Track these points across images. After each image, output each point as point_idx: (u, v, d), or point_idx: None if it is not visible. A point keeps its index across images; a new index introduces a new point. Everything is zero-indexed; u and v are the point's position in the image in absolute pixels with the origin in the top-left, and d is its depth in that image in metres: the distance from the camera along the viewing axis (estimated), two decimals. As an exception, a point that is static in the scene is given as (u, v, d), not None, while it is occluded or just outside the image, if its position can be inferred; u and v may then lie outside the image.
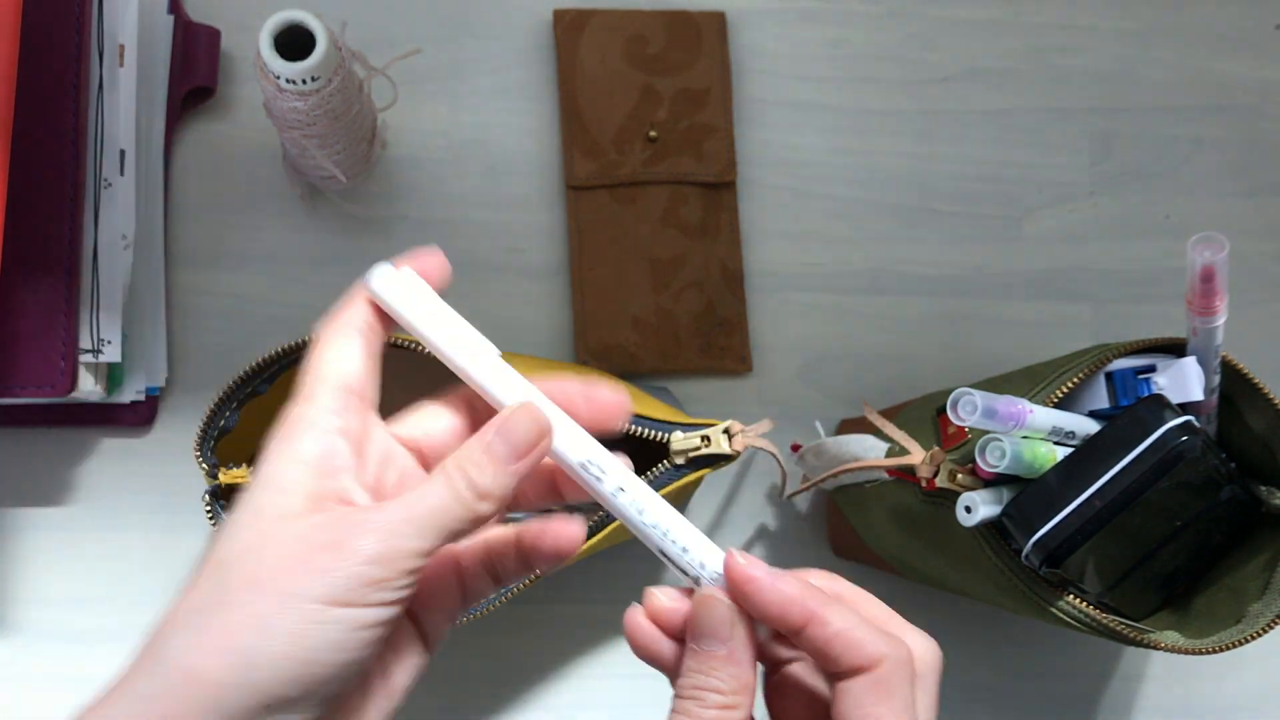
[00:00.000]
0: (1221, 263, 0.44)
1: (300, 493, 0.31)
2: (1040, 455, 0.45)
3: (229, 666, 0.29)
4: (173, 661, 0.29)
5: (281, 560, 0.30)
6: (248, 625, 0.29)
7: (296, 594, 0.29)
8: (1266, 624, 0.46)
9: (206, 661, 0.29)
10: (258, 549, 0.30)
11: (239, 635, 0.29)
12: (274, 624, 0.29)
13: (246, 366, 0.49)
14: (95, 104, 0.58)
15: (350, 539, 0.30)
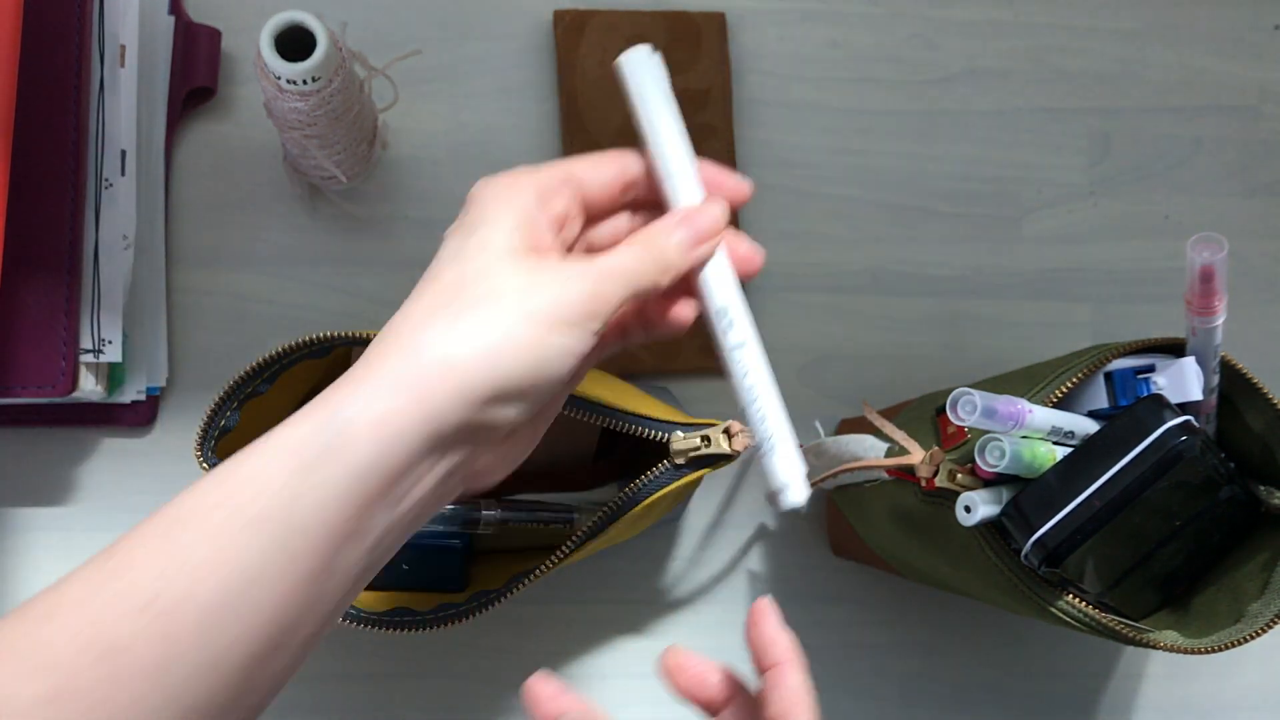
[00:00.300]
0: (1221, 263, 0.44)
1: (520, 236, 0.37)
2: (1040, 455, 0.45)
3: (479, 358, 0.34)
4: (427, 350, 0.34)
5: (518, 285, 0.36)
6: (496, 329, 0.35)
7: (533, 313, 0.35)
8: (1266, 623, 0.46)
9: (460, 351, 0.34)
10: (495, 272, 0.36)
11: (489, 335, 0.34)
12: (517, 333, 0.35)
13: (247, 366, 0.49)
14: (96, 104, 0.58)
15: (574, 278, 0.36)
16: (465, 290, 0.36)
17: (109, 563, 0.33)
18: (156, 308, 0.61)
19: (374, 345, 0.36)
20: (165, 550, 0.33)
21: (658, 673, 0.43)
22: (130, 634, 0.31)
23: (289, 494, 0.33)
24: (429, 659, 0.62)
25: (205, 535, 0.33)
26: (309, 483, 0.33)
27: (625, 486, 0.49)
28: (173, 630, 0.31)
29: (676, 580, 0.64)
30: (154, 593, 0.32)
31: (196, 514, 0.34)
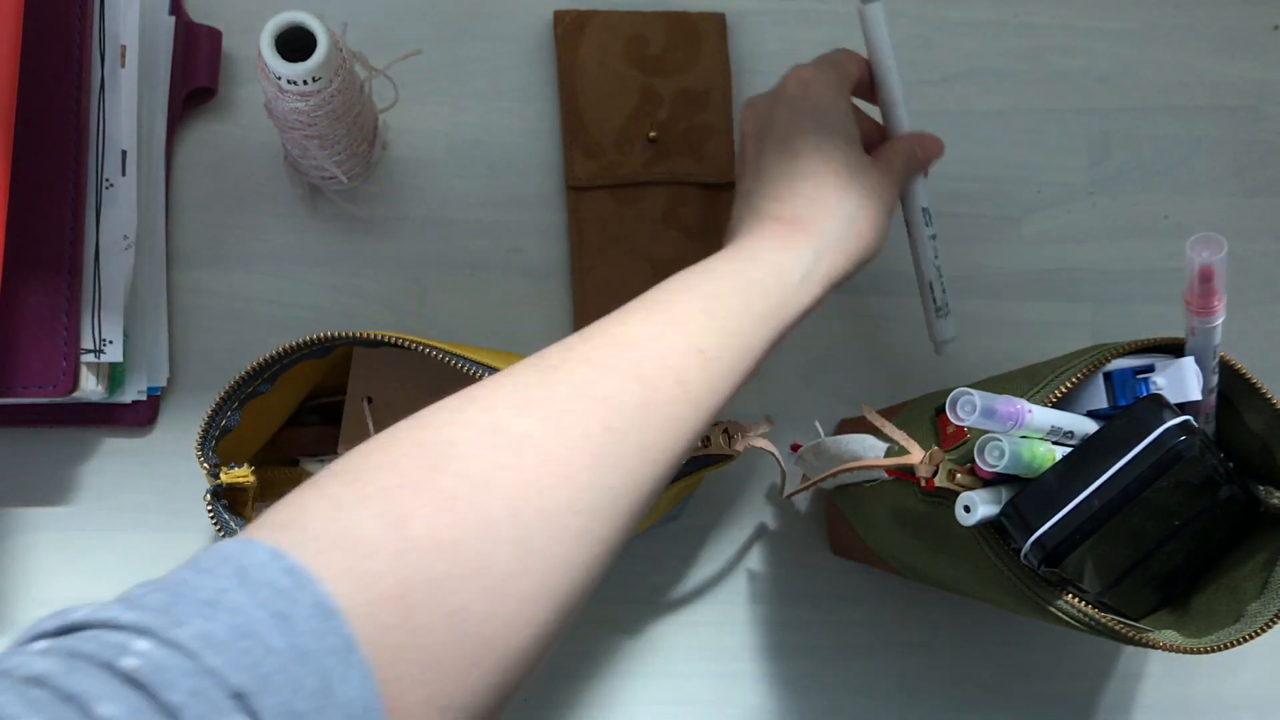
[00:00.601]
0: (1220, 263, 0.44)
1: (856, 135, 0.54)
2: (1039, 455, 0.45)
3: (868, 247, 0.52)
4: (846, 223, 0.50)
5: (875, 181, 0.52)
6: (875, 228, 0.52)
7: (886, 211, 0.53)
8: (1265, 623, 0.46)
9: (861, 243, 0.51)
10: (859, 169, 0.52)
11: (871, 230, 0.51)
12: (881, 228, 0.52)
13: (247, 366, 0.49)
14: (97, 104, 0.58)
15: (890, 180, 0.54)
16: (854, 181, 0.51)
17: (662, 316, 0.44)
18: (157, 308, 0.61)
19: (783, 184, 0.51)
20: (707, 314, 0.44)
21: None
22: (687, 370, 0.42)
23: (778, 306, 0.47)
24: (429, 658, 0.62)
25: (733, 313, 0.45)
26: (790, 302, 0.47)
27: (625, 486, 0.49)
28: (711, 375, 0.43)
29: (676, 580, 0.64)
30: (703, 345, 0.43)
31: (724, 294, 0.45)
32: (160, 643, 0.28)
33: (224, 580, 0.31)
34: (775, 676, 0.64)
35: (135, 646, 0.28)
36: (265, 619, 0.30)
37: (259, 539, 0.33)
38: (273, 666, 0.29)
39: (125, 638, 0.28)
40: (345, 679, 0.30)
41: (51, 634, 0.30)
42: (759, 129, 0.55)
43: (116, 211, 0.58)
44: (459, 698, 0.34)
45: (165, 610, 0.30)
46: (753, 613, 0.64)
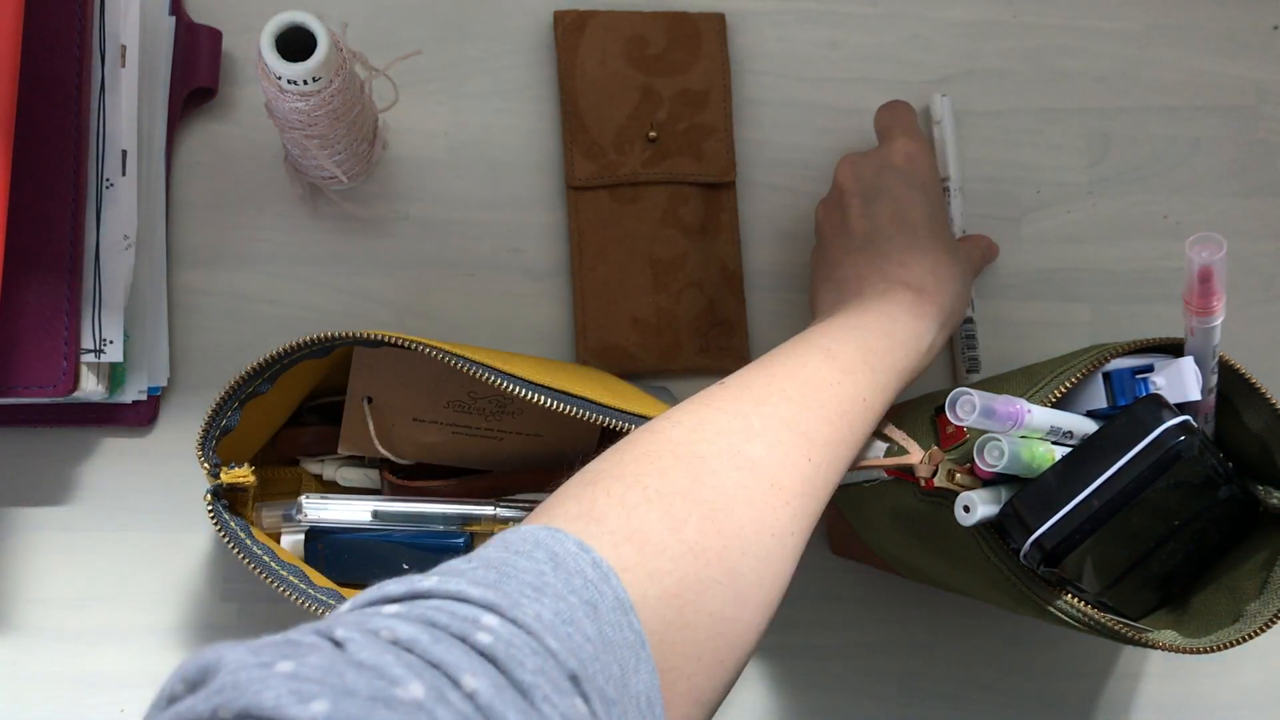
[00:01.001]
0: (1219, 263, 0.44)
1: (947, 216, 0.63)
2: (1038, 455, 0.45)
3: (961, 317, 0.57)
4: (955, 300, 0.56)
5: (963, 259, 0.59)
6: (964, 299, 0.57)
7: (969, 283, 0.59)
8: (1264, 623, 0.46)
9: (959, 314, 0.57)
10: (961, 249, 0.60)
11: (963, 303, 0.57)
12: (967, 297, 0.58)
13: (248, 366, 0.49)
14: (97, 104, 0.58)
15: (975, 264, 0.63)
16: (957, 262, 0.57)
17: (836, 363, 0.48)
18: (158, 307, 0.61)
19: (903, 250, 0.55)
20: (868, 367, 0.49)
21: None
22: (855, 415, 0.47)
23: (911, 370, 0.52)
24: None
25: (886, 369, 0.49)
26: (914, 364, 0.52)
27: (625, 486, 0.49)
28: (868, 422, 0.48)
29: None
30: (866, 395, 0.48)
31: (880, 350, 0.50)
32: (506, 620, 0.30)
33: (542, 564, 0.33)
34: (775, 677, 0.64)
35: (485, 622, 0.29)
36: (579, 606, 0.32)
37: (563, 529, 0.35)
38: (589, 654, 0.31)
39: (476, 612, 0.30)
40: (637, 671, 0.33)
41: (398, 599, 0.31)
42: (865, 191, 0.57)
43: (117, 211, 0.58)
44: (708, 693, 0.37)
45: (498, 587, 0.31)
46: (752, 612, 0.64)
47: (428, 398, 0.56)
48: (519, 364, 0.50)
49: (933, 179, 0.58)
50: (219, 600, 0.61)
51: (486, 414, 0.57)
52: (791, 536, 0.42)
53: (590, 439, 0.59)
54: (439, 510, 0.53)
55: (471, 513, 0.53)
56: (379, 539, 0.51)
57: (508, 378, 0.47)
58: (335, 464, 0.59)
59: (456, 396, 0.56)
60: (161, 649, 0.60)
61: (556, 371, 0.50)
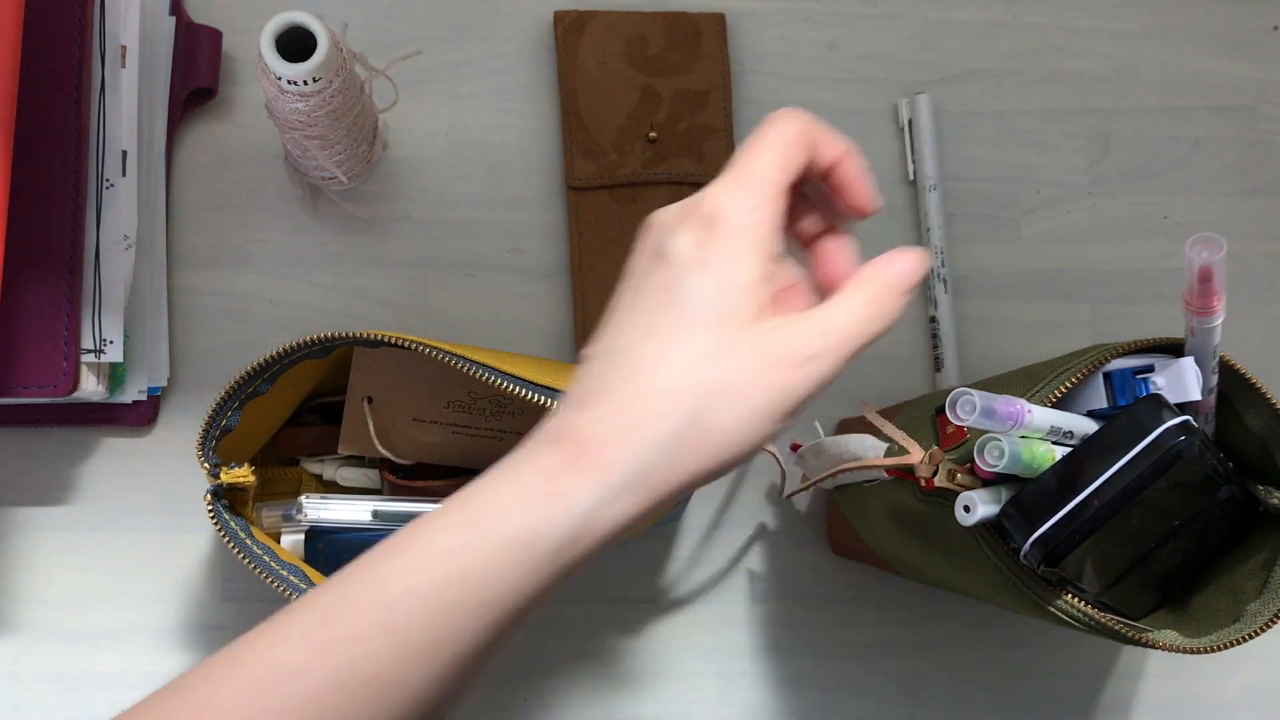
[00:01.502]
0: (1219, 263, 0.44)
1: (759, 292, 0.35)
2: (1039, 455, 0.45)
3: (715, 462, 0.35)
4: (662, 445, 0.34)
5: (750, 374, 0.34)
6: (728, 435, 0.34)
7: (762, 410, 0.34)
8: (1264, 623, 0.46)
9: (699, 461, 0.34)
10: (728, 354, 0.34)
11: (723, 440, 0.34)
12: (740, 433, 0.34)
13: (248, 366, 0.49)
14: (97, 105, 0.58)
15: (808, 362, 0.35)
16: (705, 383, 0.35)
17: (327, 633, 0.33)
18: (157, 308, 0.61)
19: (598, 381, 0.35)
20: (388, 629, 0.33)
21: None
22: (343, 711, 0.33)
23: (515, 588, 0.33)
24: (429, 658, 0.62)
25: (427, 617, 0.33)
26: (539, 575, 0.34)
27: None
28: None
29: (676, 580, 0.64)
30: (372, 674, 0.33)
31: (412, 597, 0.33)
32: None
33: None
34: (776, 677, 0.64)
35: None
36: None
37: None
38: None
39: None
40: None
41: None
42: (626, 273, 0.38)
43: (117, 212, 0.58)
44: None
45: None
46: (753, 613, 0.64)
47: (428, 398, 0.56)
48: (519, 364, 0.50)
49: (720, 237, 0.35)
50: (219, 600, 0.61)
51: (486, 414, 0.57)
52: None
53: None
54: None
55: None
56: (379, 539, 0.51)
57: (507, 377, 0.47)
58: (335, 464, 0.59)
59: (456, 396, 0.56)
60: (161, 649, 0.60)
61: (556, 371, 0.50)
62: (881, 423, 0.51)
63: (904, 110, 0.68)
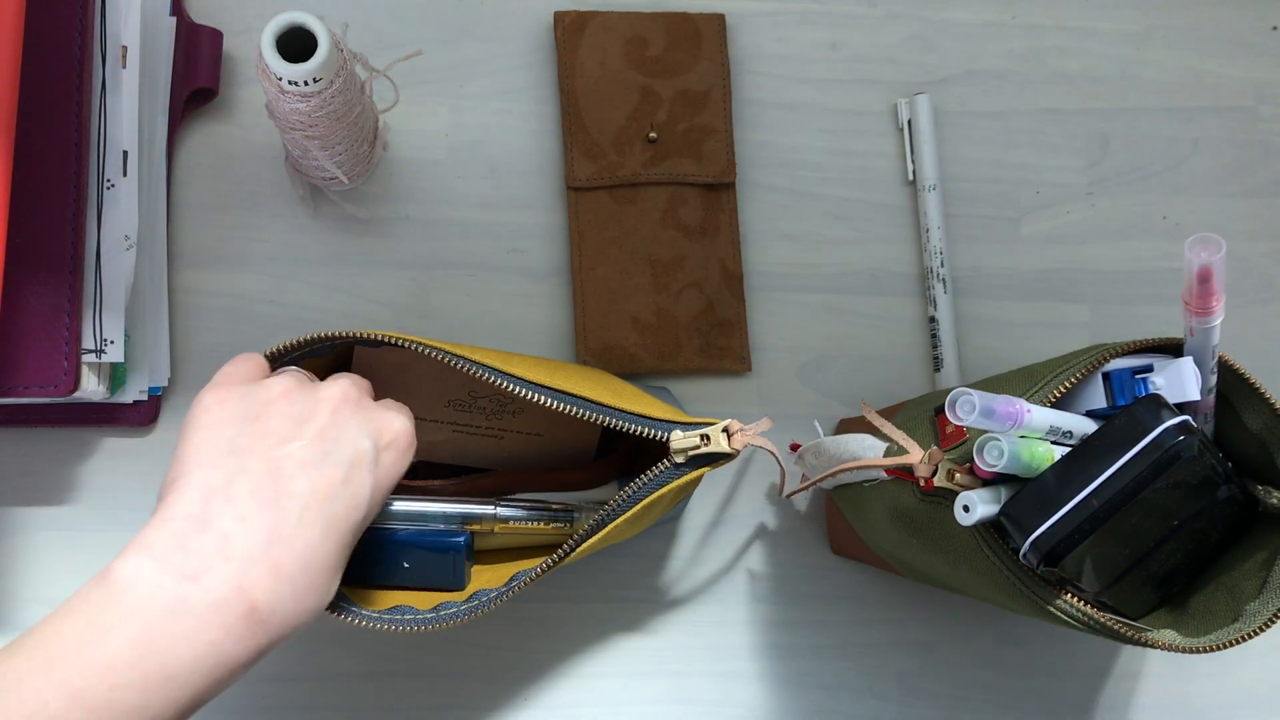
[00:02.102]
0: (1219, 263, 0.44)
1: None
2: (1038, 455, 0.45)
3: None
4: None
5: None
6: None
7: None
8: (1263, 622, 0.46)
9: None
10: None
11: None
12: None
13: (249, 366, 0.49)
14: (98, 105, 0.58)
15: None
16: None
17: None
18: (158, 308, 0.62)
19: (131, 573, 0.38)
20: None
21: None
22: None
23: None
24: (429, 658, 0.62)
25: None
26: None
27: (625, 486, 0.49)
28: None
29: (676, 579, 0.64)
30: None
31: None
32: None
33: None
34: (775, 676, 0.64)
35: None
36: None
37: None
38: None
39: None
40: None
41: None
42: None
43: (118, 212, 0.58)
44: None
45: None
46: (753, 612, 0.64)
47: (428, 397, 0.56)
48: (519, 364, 0.50)
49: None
50: (219, 600, 0.61)
51: (487, 413, 0.57)
52: None
53: (591, 438, 0.59)
54: (439, 509, 0.52)
55: (472, 512, 0.53)
56: (379, 538, 0.51)
57: (508, 377, 0.47)
58: (336, 464, 0.59)
59: (456, 396, 0.56)
60: (162, 649, 0.60)
61: (556, 371, 0.50)
62: (881, 422, 0.51)
63: (903, 110, 0.68)
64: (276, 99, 0.54)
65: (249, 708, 0.61)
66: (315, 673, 0.61)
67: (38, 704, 0.33)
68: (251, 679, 0.61)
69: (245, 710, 0.61)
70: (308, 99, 0.53)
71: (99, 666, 0.35)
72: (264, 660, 0.60)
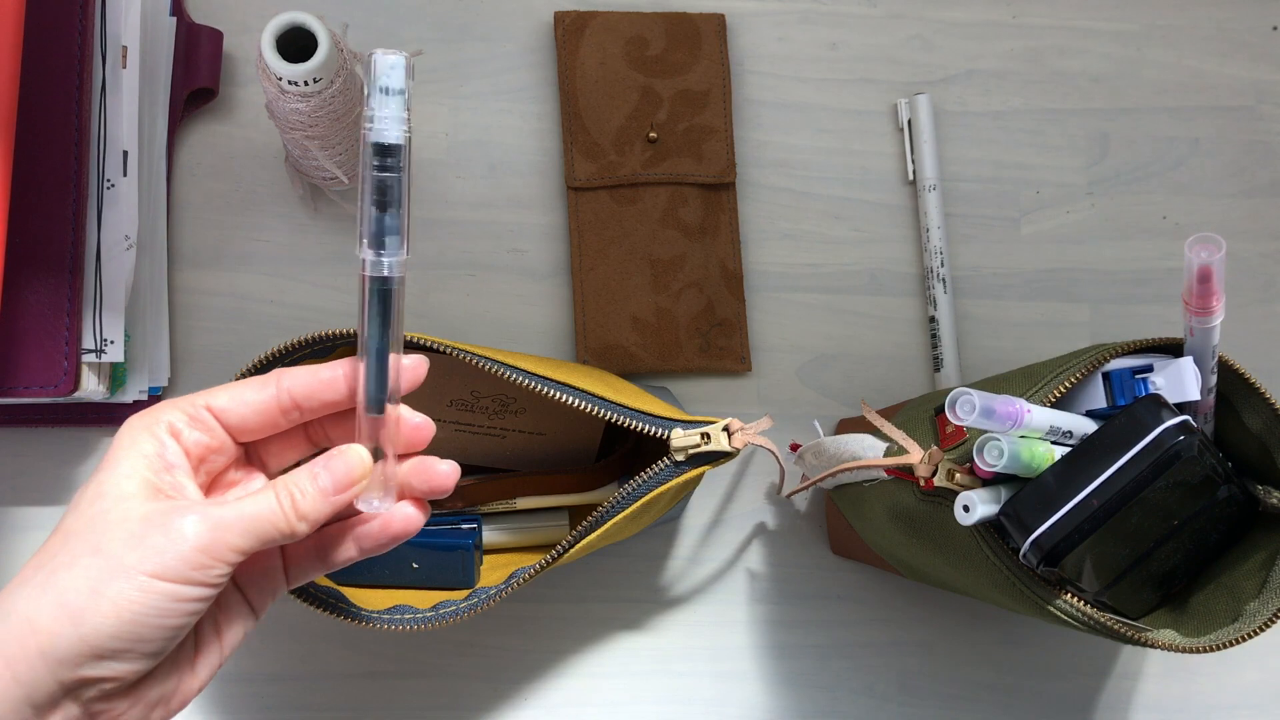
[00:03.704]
0: (1218, 263, 0.44)
1: (140, 481, 0.37)
2: (1038, 455, 0.45)
3: (60, 619, 0.34)
4: (15, 612, 0.34)
5: (121, 535, 0.35)
6: (82, 587, 0.34)
7: (129, 565, 0.35)
8: (1263, 622, 0.46)
9: (42, 613, 0.34)
10: (101, 524, 0.36)
11: (72, 594, 0.34)
12: (106, 588, 0.34)
13: (248, 364, 0.49)
14: (98, 105, 0.58)
15: (182, 527, 0.35)
16: (68, 545, 0.35)
17: None
18: (158, 308, 0.62)
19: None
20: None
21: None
22: None
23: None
24: (429, 658, 0.62)
25: None
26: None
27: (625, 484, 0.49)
28: None
29: (676, 579, 0.64)
30: None
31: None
32: None
33: None
34: (775, 676, 0.64)
35: None
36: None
37: None
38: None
39: None
40: None
41: None
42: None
43: (118, 212, 0.58)
44: None
45: None
46: (753, 612, 0.64)
47: (429, 396, 0.56)
48: (521, 361, 0.50)
49: (107, 455, 0.38)
50: (219, 600, 0.61)
51: (489, 412, 0.57)
52: None
53: (593, 437, 0.59)
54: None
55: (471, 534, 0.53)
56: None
57: (513, 370, 0.47)
58: (336, 464, 0.59)
59: (459, 395, 0.56)
60: (162, 649, 0.60)
61: (557, 369, 0.50)
62: (881, 422, 0.51)
63: (903, 110, 0.68)
64: (276, 99, 0.54)
65: (249, 708, 0.61)
66: (315, 673, 0.61)
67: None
68: (251, 679, 0.61)
69: (245, 710, 0.61)
70: (308, 99, 0.53)
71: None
72: (264, 660, 0.60)
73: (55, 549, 0.36)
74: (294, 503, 0.38)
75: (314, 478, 0.38)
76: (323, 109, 0.54)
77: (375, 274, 0.39)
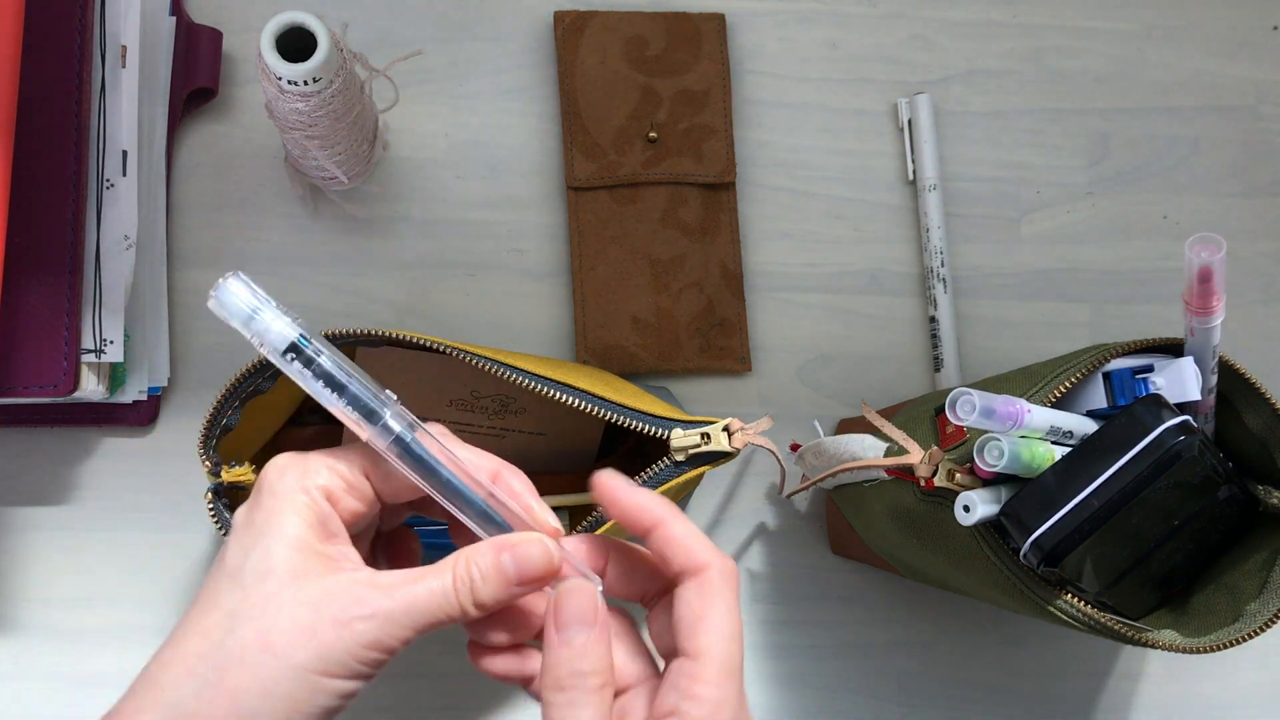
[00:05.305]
0: (1219, 263, 0.44)
1: (309, 552, 0.36)
2: (1038, 455, 0.45)
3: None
4: (181, 707, 0.34)
5: (290, 626, 0.34)
6: (254, 689, 0.34)
7: (299, 665, 0.34)
8: (1264, 622, 0.46)
9: (214, 713, 0.34)
10: (272, 608, 0.35)
11: (245, 698, 0.34)
12: (277, 690, 0.34)
13: (248, 364, 0.49)
14: (97, 105, 0.58)
15: (355, 621, 0.35)
16: (235, 633, 0.34)
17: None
18: (158, 307, 0.62)
19: (142, 677, 0.35)
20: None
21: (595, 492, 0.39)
22: None
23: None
24: (429, 658, 0.62)
25: None
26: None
27: (625, 486, 0.49)
28: None
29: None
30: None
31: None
32: None
33: None
34: (775, 676, 0.64)
35: None
36: None
37: None
38: None
39: None
40: None
41: None
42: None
43: (117, 212, 0.58)
44: None
45: None
46: (753, 613, 0.64)
47: (430, 396, 0.56)
48: (521, 361, 0.50)
49: (263, 508, 0.37)
50: (219, 600, 0.61)
51: (489, 412, 0.57)
52: None
53: (593, 437, 0.59)
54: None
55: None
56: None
57: (513, 370, 0.47)
58: (335, 464, 0.59)
59: (459, 395, 0.56)
60: (162, 649, 0.60)
61: (558, 369, 0.50)
62: (881, 422, 0.51)
63: (904, 110, 0.68)
64: (276, 99, 0.54)
65: (249, 708, 0.60)
66: (315, 673, 0.61)
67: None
68: (251, 679, 0.61)
69: (245, 710, 0.60)
70: (308, 99, 0.53)
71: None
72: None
73: (217, 633, 0.35)
74: (474, 590, 0.36)
75: (500, 565, 0.36)
76: (322, 109, 0.54)
77: (387, 440, 0.37)
